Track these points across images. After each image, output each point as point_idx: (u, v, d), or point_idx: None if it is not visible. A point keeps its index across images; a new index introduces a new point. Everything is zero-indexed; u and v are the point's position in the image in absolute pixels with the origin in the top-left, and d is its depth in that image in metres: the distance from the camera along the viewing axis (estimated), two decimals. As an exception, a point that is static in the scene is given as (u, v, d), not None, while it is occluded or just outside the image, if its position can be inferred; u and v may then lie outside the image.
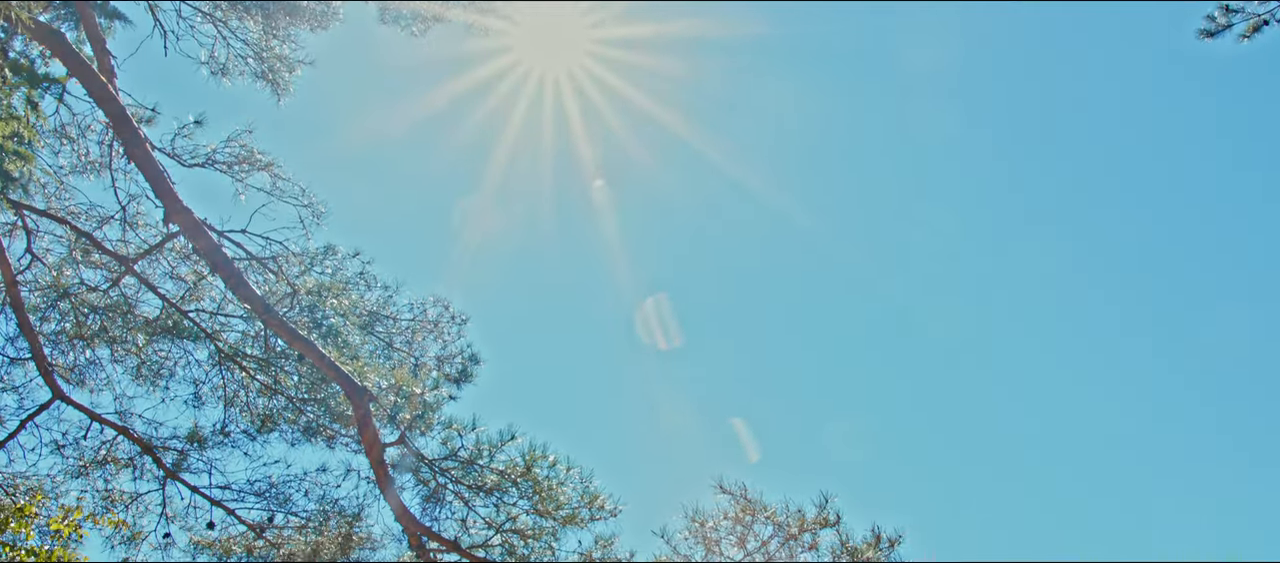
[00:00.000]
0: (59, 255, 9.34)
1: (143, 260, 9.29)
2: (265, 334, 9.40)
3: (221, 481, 9.95)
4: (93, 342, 9.41)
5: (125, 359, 9.68)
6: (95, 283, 9.36)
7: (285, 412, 9.72)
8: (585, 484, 8.50)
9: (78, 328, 9.29)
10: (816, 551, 8.39)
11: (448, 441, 8.66)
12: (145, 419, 9.91)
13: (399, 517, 8.71)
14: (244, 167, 9.10)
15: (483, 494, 8.69)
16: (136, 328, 9.37)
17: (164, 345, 9.65)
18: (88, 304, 9.22)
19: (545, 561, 8.83)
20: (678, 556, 8.51)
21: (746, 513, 8.13)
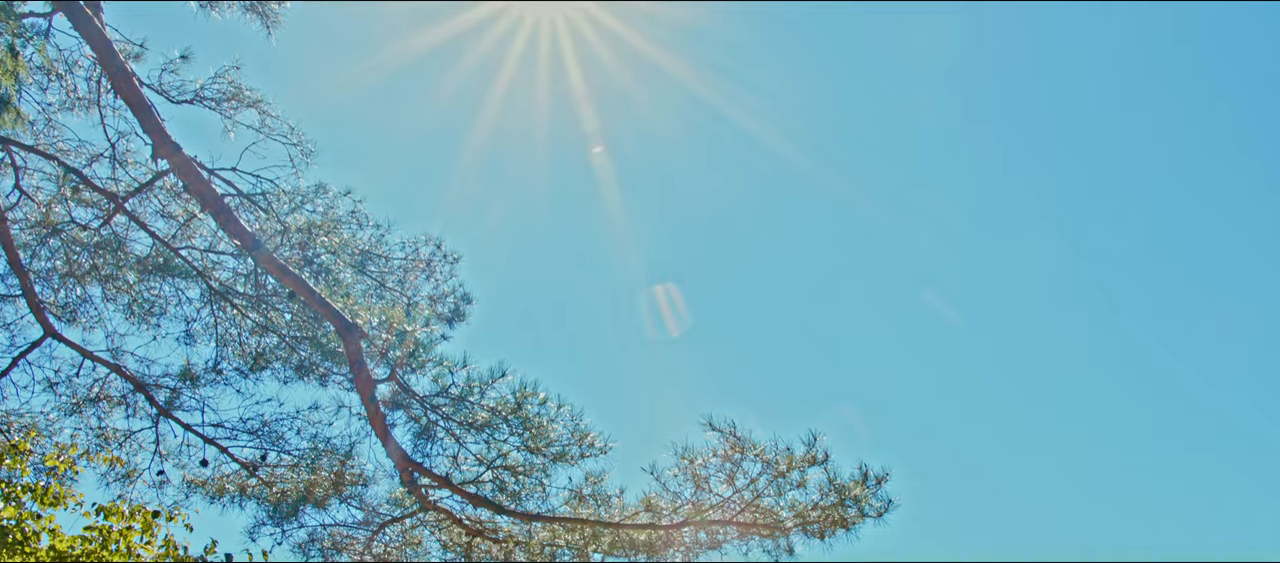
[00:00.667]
0: (49, 193, 9.31)
1: (133, 199, 9.26)
2: (256, 272, 9.41)
3: (214, 419, 10.02)
4: (83, 280, 9.41)
5: (117, 297, 9.69)
6: (85, 221, 9.34)
7: (277, 350, 9.76)
8: (575, 422, 8.57)
9: (68, 266, 9.28)
10: (805, 488, 8.47)
11: (439, 378, 8.70)
12: (137, 357, 9.95)
13: (390, 453, 8.78)
14: (232, 103, 9.02)
15: (474, 431, 8.75)
16: (127, 266, 9.36)
17: (155, 283, 9.65)
18: (78, 242, 9.21)
19: (536, 497, 8.93)
20: (667, 492, 8.59)
21: (735, 451, 8.18)
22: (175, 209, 9.54)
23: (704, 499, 8.57)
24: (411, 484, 9.12)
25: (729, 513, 8.61)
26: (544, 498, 8.97)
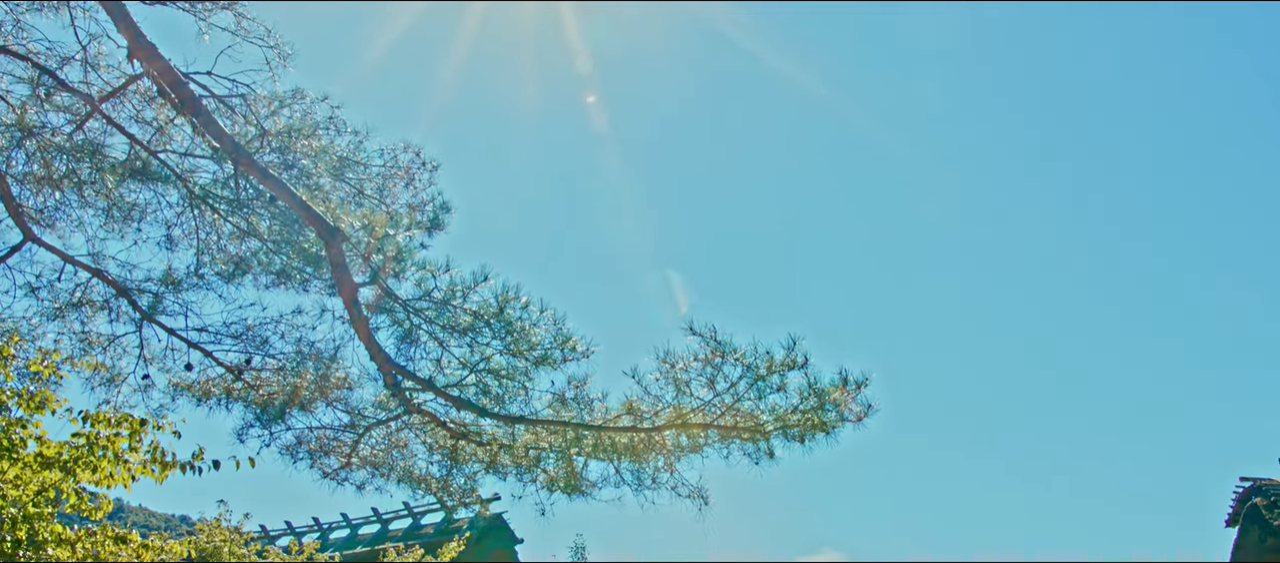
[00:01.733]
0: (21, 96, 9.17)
1: (108, 102, 9.13)
2: (236, 176, 9.34)
3: (198, 323, 10.03)
4: (61, 184, 9.32)
5: (95, 202, 9.61)
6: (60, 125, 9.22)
7: (259, 254, 9.75)
8: (557, 326, 8.63)
9: (46, 170, 9.19)
10: (785, 392, 8.57)
11: (421, 282, 8.73)
12: (119, 262, 9.92)
13: (374, 356, 8.84)
14: (207, 4, 8.85)
15: (456, 335, 8.81)
16: (105, 170, 9.27)
17: (134, 188, 9.57)
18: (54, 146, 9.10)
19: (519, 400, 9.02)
20: (649, 396, 8.68)
21: (716, 355, 8.25)
22: (150, 114, 9.42)
23: (685, 403, 8.67)
24: (395, 388, 9.19)
25: (710, 416, 8.72)
26: (527, 401, 9.08)
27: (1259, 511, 20.82)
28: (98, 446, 8.06)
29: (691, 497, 9.13)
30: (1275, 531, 20.30)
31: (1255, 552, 21.47)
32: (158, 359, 10.27)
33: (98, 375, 10.10)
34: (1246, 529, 21.42)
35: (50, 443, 7.95)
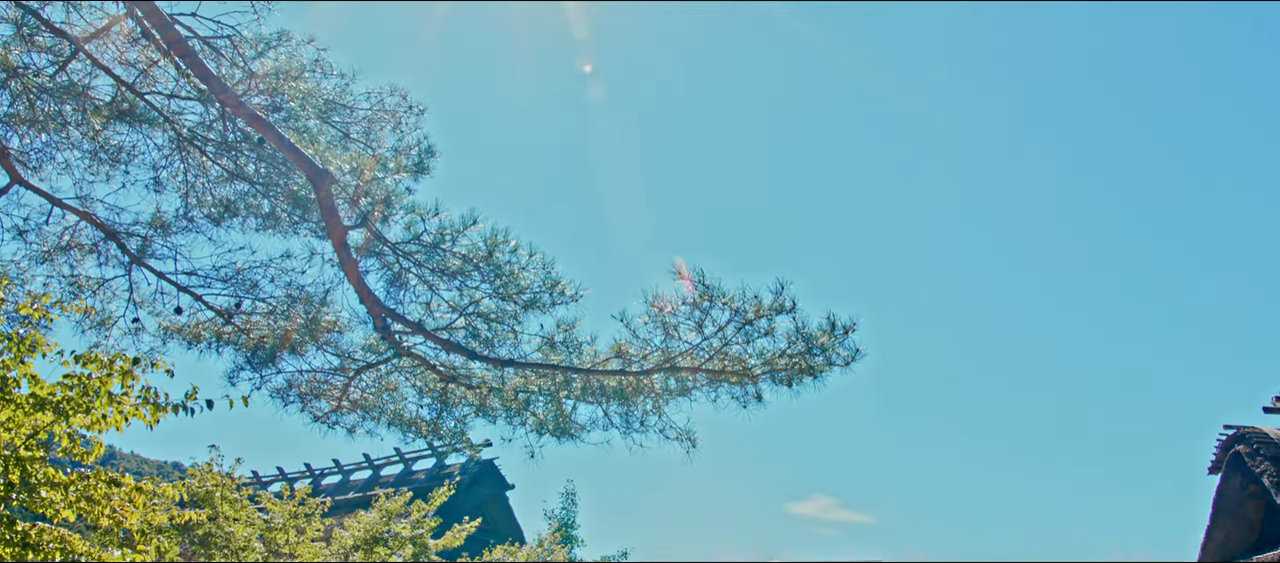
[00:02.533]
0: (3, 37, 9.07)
1: (92, 43, 9.05)
2: (223, 119, 9.28)
3: (187, 267, 10.03)
4: (47, 126, 9.26)
5: (82, 144, 9.55)
6: (43, 66, 9.14)
7: (247, 197, 9.72)
8: (547, 270, 8.66)
9: (30, 111, 9.12)
10: (773, 336, 8.63)
11: (410, 226, 8.73)
12: (107, 205, 9.88)
13: (363, 299, 8.86)
14: (192, -57, 8.75)
15: (446, 278, 8.84)
16: (91, 112, 9.20)
17: (120, 130, 9.51)
18: (38, 87, 9.02)
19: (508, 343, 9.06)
20: (637, 339, 8.73)
21: (704, 299, 8.29)
22: (135, 55, 9.33)
23: (673, 347, 8.72)
24: (385, 331, 9.23)
25: (698, 360, 8.78)
26: (516, 345, 9.12)
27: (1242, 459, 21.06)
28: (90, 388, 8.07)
29: (680, 439, 9.21)
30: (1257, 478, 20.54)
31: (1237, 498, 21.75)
32: (147, 303, 10.28)
33: (88, 319, 10.11)
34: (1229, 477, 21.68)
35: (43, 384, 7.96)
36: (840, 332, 8.58)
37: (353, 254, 8.71)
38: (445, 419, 9.88)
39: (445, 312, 9.07)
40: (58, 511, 7.70)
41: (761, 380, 8.79)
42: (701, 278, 8.18)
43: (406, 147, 9.59)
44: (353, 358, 9.85)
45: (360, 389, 10.09)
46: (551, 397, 9.41)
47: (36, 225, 9.86)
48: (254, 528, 13.36)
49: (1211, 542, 22.17)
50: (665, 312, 8.31)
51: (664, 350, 8.73)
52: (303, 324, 9.61)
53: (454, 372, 9.61)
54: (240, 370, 9.84)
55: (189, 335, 10.25)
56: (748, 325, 8.44)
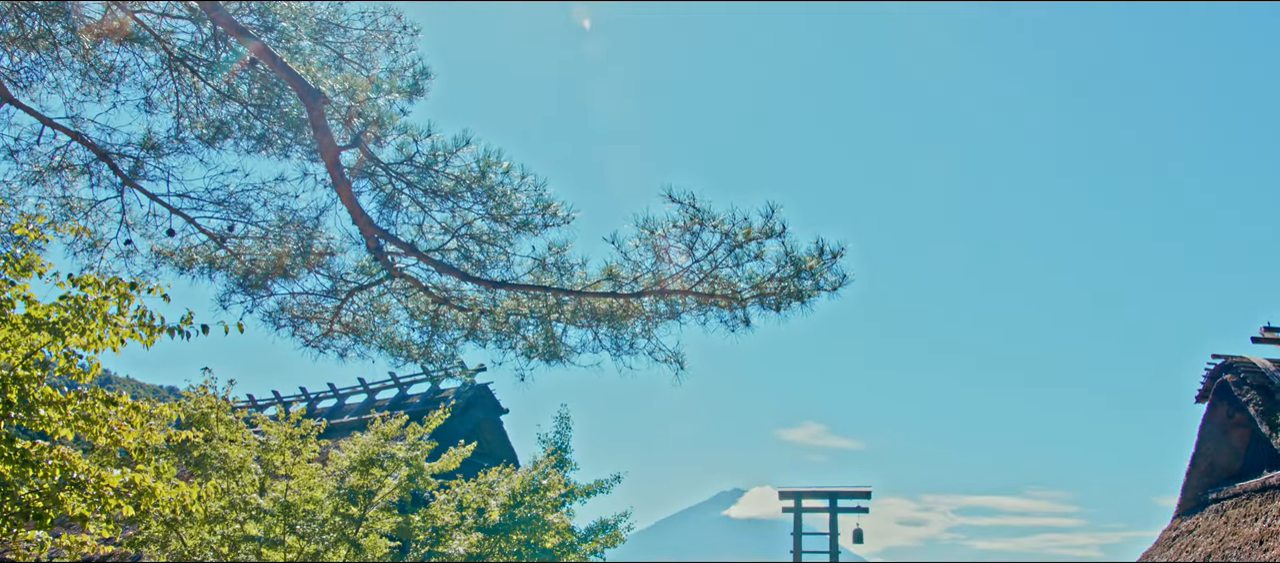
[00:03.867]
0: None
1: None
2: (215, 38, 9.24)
3: (179, 189, 10.04)
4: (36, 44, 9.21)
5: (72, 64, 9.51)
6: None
7: (240, 118, 9.70)
8: (538, 191, 8.70)
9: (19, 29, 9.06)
10: (762, 260, 8.69)
11: (403, 147, 8.75)
12: (98, 125, 9.85)
13: (356, 220, 8.90)
14: None
15: (438, 199, 8.87)
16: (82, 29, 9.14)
17: (111, 48, 9.46)
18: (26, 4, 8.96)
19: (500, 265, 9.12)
20: (628, 262, 8.78)
21: (695, 222, 8.34)
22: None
23: (664, 270, 8.78)
24: (378, 252, 9.28)
25: (688, 283, 8.84)
26: (508, 267, 9.18)
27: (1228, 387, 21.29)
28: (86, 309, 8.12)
29: (669, 362, 9.31)
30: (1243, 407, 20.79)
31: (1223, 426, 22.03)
32: (140, 225, 10.30)
33: (80, 240, 10.13)
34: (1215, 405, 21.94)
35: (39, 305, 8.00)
36: (829, 256, 8.65)
37: (346, 175, 8.73)
38: (437, 343, 9.97)
39: (438, 233, 9.11)
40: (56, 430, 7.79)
41: (750, 305, 8.86)
42: (692, 201, 8.22)
43: (401, 68, 9.56)
44: (345, 280, 9.90)
45: (352, 312, 10.16)
46: (542, 319, 9.50)
47: (27, 145, 9.85)
48: (250, 449, 13.49)
49: (1196, 469, 22.50)
50: (656, 235, 8.36)
51: (654, 273, 8.80)
52: (295, 247, 9.65)
53: (446, 293, 9.67)
54: (232, 294, 9.91)
55: (182, 260, 10.29)
56: (737, 249, 8.50)
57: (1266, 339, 22.73)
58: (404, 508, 14.94)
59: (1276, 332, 22.76)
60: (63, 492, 7.71)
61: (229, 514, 12.91)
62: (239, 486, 13.10)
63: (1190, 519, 21.73)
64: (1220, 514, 20.58)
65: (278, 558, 13.07)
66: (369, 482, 13.67)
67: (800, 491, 25.91)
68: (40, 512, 7.64)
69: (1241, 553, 18.58)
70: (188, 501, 8.84)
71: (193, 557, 13.03)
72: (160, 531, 12.65)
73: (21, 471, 7.49)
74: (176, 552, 13.18)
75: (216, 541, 12.95)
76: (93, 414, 7.92)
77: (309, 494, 13.28)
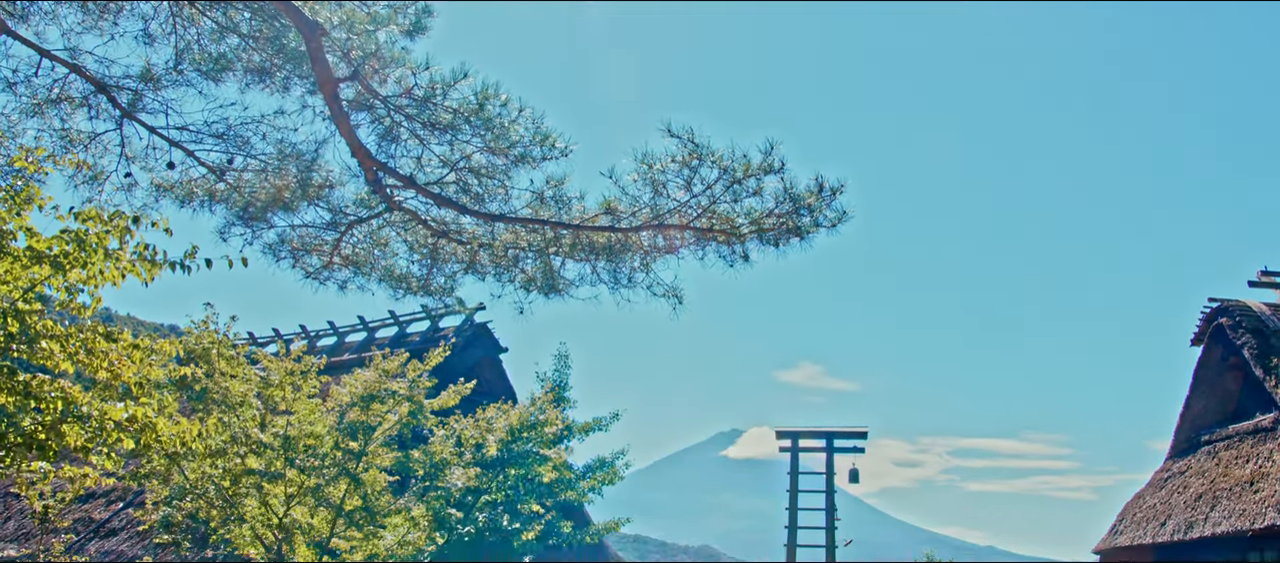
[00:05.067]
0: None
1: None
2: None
3: (179, 122, 10.01)
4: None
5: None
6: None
7: (239, 50, 9.65)
8: (536, 125, 8.67)
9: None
10: (761, 196, 8.69)
11: (401, 80, 8.72)
12: (96, 57, 9.79)
13: (355, 152, 8.89)
14: None
15: (437, 133, 8.86)
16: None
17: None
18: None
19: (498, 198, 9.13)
20: (626, 196, 8.78)
21: (693, 157, 8.33)
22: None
23: (662, 205, 8.79)
24: (376, 184, 9.28)
25: (686, 218, 8.85)
26: (506, 200, 9.19)
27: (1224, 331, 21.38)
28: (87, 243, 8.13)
29: (667, 296, 9.33)
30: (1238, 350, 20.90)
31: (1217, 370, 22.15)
32: (139, 158, 10.29)
33: (80, 174, 10.12)
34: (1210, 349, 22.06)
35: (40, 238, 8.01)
36: (828, 193, 8.65)
37: (345, 108, 8.71)
38: (436, 275, 10.00)
39: (436, 167, 9.11)
40: (57, 363, 7.84)
41: (748, 240, 8.88)
42: (691, 136, 8.20)
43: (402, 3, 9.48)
44: (344, 212, 9.91)
45: (352, 244, 10.18)
46: (541, 253, 9.52)
47: (25, 77, 9.81)
48: (251, 385, 13.60)
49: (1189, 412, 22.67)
50: (655, 169, 8.36)
51: (653, 208, 8.81)
52: (295, 180, 9.65)
53: (445, 227, 9.69)
54: (232, 226, 9.92)
55: (181, 194, 10.29)
56: (736, 184, 8.51)
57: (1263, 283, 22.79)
58: (403, 444, 15.09)
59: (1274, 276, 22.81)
60: (65, 424, 7.76)
61: (230, 448, 13.04)
62: (240, 420, 13.21)
63: (1182, 461, 21.94)
64: (1212, 456, 20.79)
65: (279, 491, 13.23)
66: (369, 417, 13.80)
67: (797, 431, 26.13)
68: (42, 443, 7.70)
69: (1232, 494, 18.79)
70: (189, 436, 8.93)
71: (195, 490, 13.19)
72: (162, 464, 12.79)
73: (24, 402, 7.54)
74: (179, 485, 13.33)
75: (218, 474, 13.10)
76: (94, 348, 7.96)
77: (310, 429, 13.41)
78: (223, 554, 15.94)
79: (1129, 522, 22.29)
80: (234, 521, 13.34)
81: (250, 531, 13.36)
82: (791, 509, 25.48)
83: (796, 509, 25.46)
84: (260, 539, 13.35)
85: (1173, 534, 19.99)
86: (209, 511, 13.42)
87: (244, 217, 9.80)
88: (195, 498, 13.41)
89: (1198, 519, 19.44)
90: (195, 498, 13.41)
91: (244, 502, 13.34)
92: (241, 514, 13.25)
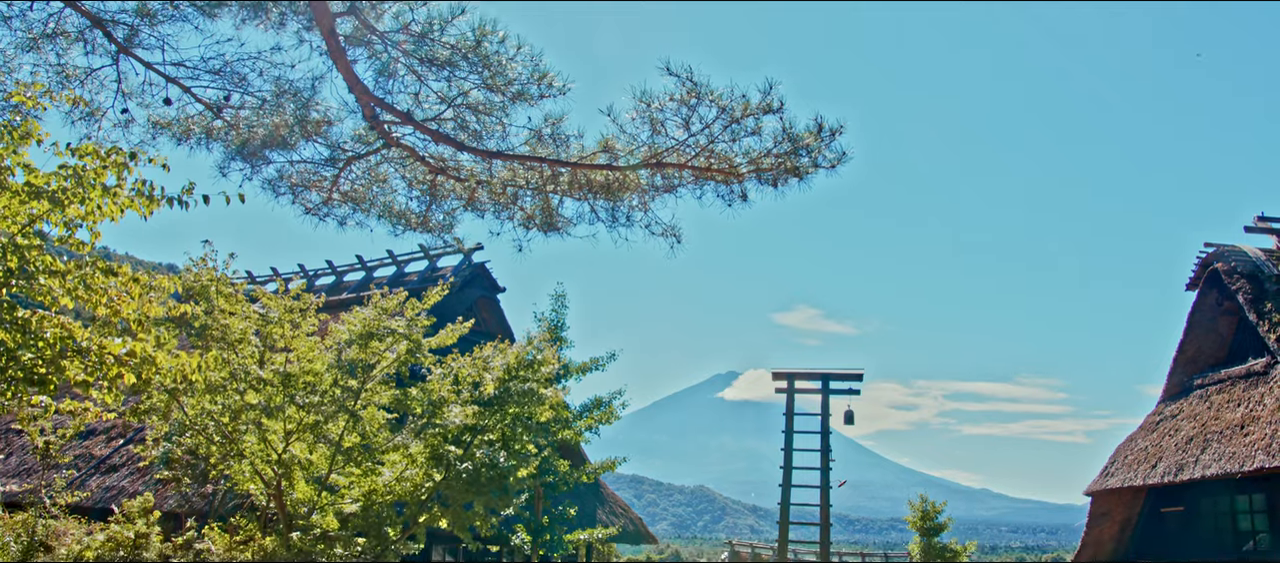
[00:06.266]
0: None
1: None
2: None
3: (175, 58, 9.95)
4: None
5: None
6: None
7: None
8: (535, 62, 8.63)
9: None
10: (759, 135, 8.68)
11: (399, 15, 8.66)
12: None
13: (352, 88, 8.86)
14: None
15: (434, 69, 8.82)
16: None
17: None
18: None
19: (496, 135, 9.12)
20: (624, 134, 8.77)
21: (691, 96, 8.30)
22: None
23: (660, 144, 8.78)
24: (374, 120, 9.26)
25: (685, 157, 8.85)
26: (504, 137, 9.18)
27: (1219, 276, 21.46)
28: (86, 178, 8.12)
29: (664, 235, 9.36)
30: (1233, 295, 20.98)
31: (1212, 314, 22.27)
32: (136, 94, 10.25)
33: (77, 110, 10.08)
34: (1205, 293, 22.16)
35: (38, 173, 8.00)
36: (827, 134, 8.65)
37: (342, 44, 8.66)
38: (434, 212, 10.01)
39: (434, 103, 9.08)
40: (56, 299, 7.86)
41: (747, 180, 8.89)
42: (690, 74, 8.17)
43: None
44: (342, 149, 9.89)
45: (350, 181, 10.18)
46: (539, 191, 9.52)
47: (21, 11, 9.73)
48: (249, 322, 13.61)
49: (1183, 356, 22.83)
50: (653, 108, 8.34)
51: (650, 146, 8.80)
52: (292, 117, 9.61)
53: (443, 163, 9.68)
54: (231, 161, 9.90)
55: (179, 130, 10.26)
56: (734, 124, 8.49)
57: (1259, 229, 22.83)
58: (402, 382, 15.15)
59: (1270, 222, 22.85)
60: (65, 359, 7.79)
61: (229, 385, 13.10)
62: (239, 357, 13.25)
63: (1174, 404, 22.13)
64: (1204, 400, 20.96)
65: (278, 428, 13.32)
66: (368, 355, 13.84)
67: (793, 373, 26.29)
68: (43, 377, 7.74)
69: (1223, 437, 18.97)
70: (188, 370, 8.98)
71: (194, 426, 13.27)
72: (162, 401, 12.85)
73: (22, 339, 7.57)
74: (178, 421, 13.42)
75: (217, 410, 13.17)
76: (93, 283, 7.97)
77: (308, 367, 13.45)
78: (223, 490, 16.11)
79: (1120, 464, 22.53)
80: (233, 457, 13.43)
81: (249, 466, 13.47)
82: (787, 450, 25.71)
83: (792, 450, 25.69)
84: (259, 475, 13.46)
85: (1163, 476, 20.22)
86: (208, 447, 13.52)
87: (242, 153, 9.78)
88: (195, 434, 13.50)
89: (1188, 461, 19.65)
90: (195, 434, 13.50)
91: (243, 438, 13.43)
92: (241, 450, 13.34)
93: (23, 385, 7.73)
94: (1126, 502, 23.55)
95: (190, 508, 16.63)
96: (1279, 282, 20.31)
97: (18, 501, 17.99)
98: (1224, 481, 19.57)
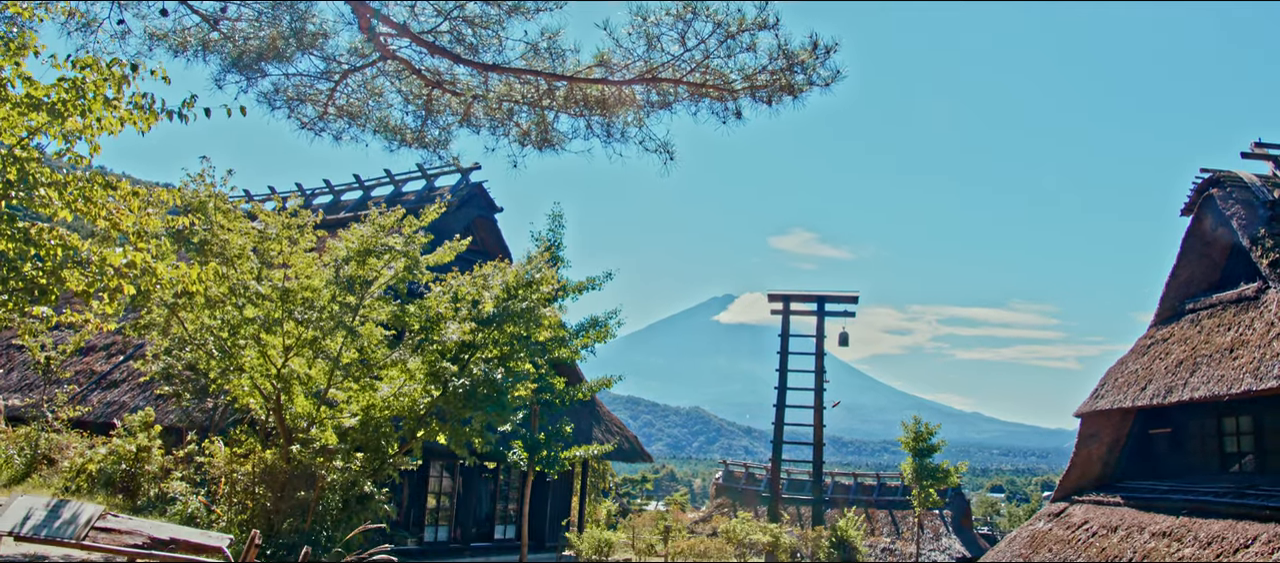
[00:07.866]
0: None
1: None
2: None
3: (171, -31, 9.88)
4: None
5: None
6: None
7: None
8: (532, -28, 8.59)
9: None
10: (755, 52, 8.69)
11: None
12: (84, -102, 9.62)
13: None
14: None
15: (430, -20, 8.78)
16: None
17: None
18: None
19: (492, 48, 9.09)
20: (620, 49, 8.76)
21: (688, 11, 8.29)
22: None
23: (656, 59, 8.78)
24: (370, 32, 9.23)
25: (680, 72, 8.85)
26: (500, 51, 9.16)
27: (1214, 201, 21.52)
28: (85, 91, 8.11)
29: (659, 151, 9.39)
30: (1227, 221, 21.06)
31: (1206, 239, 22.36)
32: (132, 4, 10.17)
33: (72, 21, 10.03)
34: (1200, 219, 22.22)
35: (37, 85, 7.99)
36: (822, 52, 8.65)
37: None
38: (430, 128, 10.03)
39: (430, 15, 9.06)
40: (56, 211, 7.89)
41: (742, 97, 8.91)
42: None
43: None
44: (338, 62, 9.88)
45: (346, 95, 10.18)
46: (534, 105, 9.53)
47: (14, -80, 9.62)
48: (248, 238, 13.65)
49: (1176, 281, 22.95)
50: (649, 22, 8.33)
51: (646, 61, 8.80)
52: (289, 29, 9.57)
53: (439, 77, 9.67)
54: (227, 73, 9.88)
55: (175, 42, 10.22)
56: (730, 40, 8.49)
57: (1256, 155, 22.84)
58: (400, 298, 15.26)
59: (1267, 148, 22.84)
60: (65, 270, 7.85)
61: (228, 300, 13.17)
62: (237, 273, 13.30)
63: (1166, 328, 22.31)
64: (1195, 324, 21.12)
65: (277, 343, 13.42)
66: (366, 272, 13.90)
67: (789, 294, 26.44)
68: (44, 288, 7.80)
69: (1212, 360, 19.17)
70: (189, 281, 9.05)
71: (194, 340, 13.38)
72: (161, 315, 12.95)
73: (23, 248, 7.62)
74: (178, 336, 13.52)
75: (217, 325, 13.26)
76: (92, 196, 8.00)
77: (306, 283, 13.51)
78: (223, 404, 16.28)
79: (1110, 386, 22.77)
80: (233, 371, 13.55)
81: (249, 381, 13.60)
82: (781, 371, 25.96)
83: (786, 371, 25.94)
84: (259, 389, 13.60)
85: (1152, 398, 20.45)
86: (208, 362, 13.62)
87: (238, 64, 9.75)
88: (194, 349, 13.60)
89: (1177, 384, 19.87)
90: (194, 349, 13.60)
91: (243, 353, 13.54)
92: (240, 365, 13.46)
93: (24, 296, 7.79)
94: (1115, 423, 23.84)
95: (191, 422, 16.79)
96: (1273, 207, 20.38)
97: (20, 415, 18.21)
98: (1212, 403, 19.81)
